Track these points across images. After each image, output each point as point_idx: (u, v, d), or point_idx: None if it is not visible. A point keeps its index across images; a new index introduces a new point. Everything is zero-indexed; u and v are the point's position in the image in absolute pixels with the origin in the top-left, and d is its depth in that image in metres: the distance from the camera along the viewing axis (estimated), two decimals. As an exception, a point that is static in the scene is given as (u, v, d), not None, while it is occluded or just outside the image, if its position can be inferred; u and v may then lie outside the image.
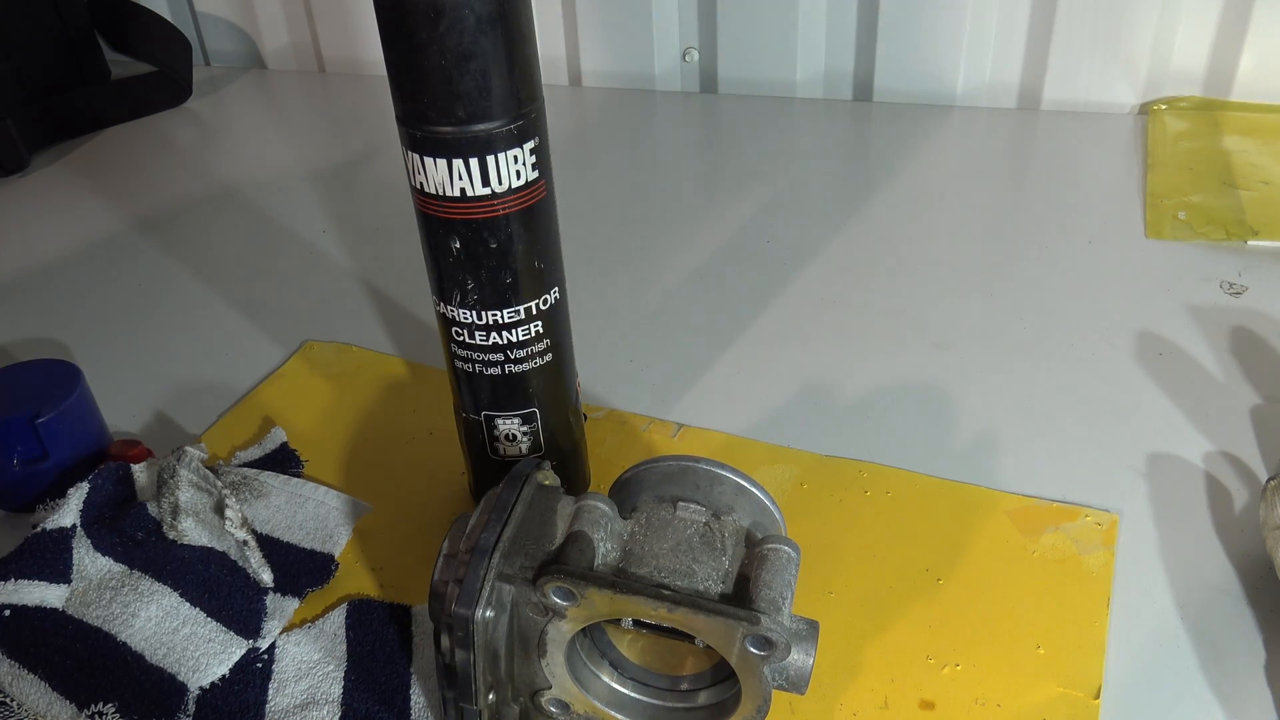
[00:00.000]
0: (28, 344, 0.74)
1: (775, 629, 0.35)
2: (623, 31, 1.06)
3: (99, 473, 0.54)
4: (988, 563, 0.51)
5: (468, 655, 0.37)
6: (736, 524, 0.40)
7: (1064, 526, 0.53)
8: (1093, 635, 0.47)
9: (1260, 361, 0.64)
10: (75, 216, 0.91)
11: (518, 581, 0.37)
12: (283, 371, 0.68)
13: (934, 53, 0.98)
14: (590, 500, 0.39)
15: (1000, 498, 0.55)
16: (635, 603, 0.36)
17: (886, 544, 0.52)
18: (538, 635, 0.38)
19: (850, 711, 0.45)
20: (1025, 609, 0.48)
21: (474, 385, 0.50)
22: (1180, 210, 0.80)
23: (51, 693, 0.44)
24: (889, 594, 0.50)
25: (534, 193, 0.45)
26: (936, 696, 0.45)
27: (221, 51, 1.24)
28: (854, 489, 0.56)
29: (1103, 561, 0.50)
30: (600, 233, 0.83)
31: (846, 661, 0.47)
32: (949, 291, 0.73)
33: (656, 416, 0.62)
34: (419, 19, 0.40)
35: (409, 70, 0.42)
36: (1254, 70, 0.92)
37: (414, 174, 0.44)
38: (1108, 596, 0.49)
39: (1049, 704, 0.44)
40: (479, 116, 0.42)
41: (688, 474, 0.42)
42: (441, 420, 0.63)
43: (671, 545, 0.38)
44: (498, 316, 0.47)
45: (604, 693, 0.40)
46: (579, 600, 0.36)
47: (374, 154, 0.99)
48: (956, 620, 0.48)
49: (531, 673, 0.39)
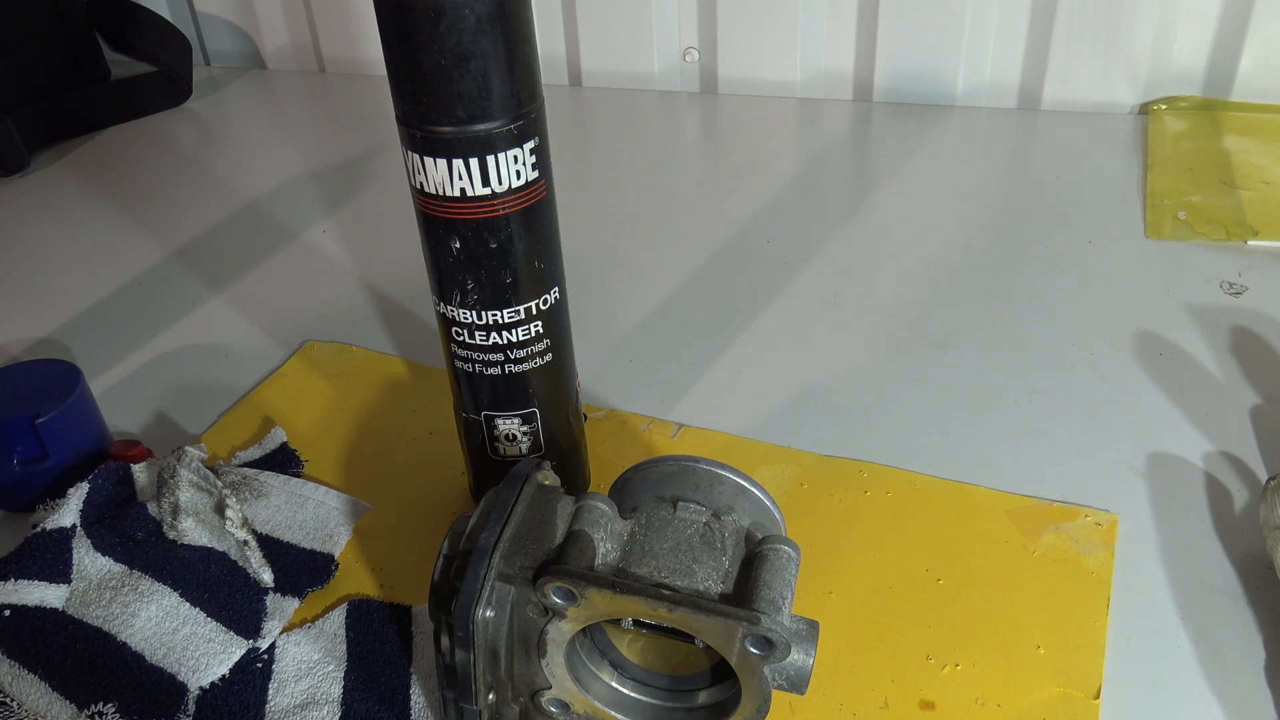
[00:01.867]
0: (28, 344, 0.74)
1: (775, 629, 0.35)
2: (623, 31, 1.06)
3: (99, 473, 0.54)
4: (988, 563, 0.51)
5: (468, 655, 0.37)
6: (737, 524, 0.40)
7: (1064, 527, 0.53)
8: (1093, 635, 0.47)
9: (1260, 361, 0.64)
10: (75, 216, 0.91)
11: (518, 581, 0.37)
12: (283, 371, 0.68)
13: (934, 53, 0.98)
14: (590, 500, 0.39)
15: (1000, 498, 0.55)
16: (635, 603, 0.36)
17: (886, 544, 0.52)
18: (538, 635, 0.38)
19: (850, 712, 0.45)
20: (1025, 609, 0.48)
21: (474, 385, 0.50)
22: (1180, 210, 0.80)
23: (51, 693, 0.44)
24: (889, 594, 0.50)
25: (534, 193, 0.45)
26: (936, 696, 0.45)
27: (221, 51, 1.24)
28: (854, 489, 0.56)
29: (1103, 562, 0.50)
30: (600, 233, 0.83)
31: (847, 662, 0.47)
32: (949, 291, 0.73)
33: (656, 417, 0.62)
34: (420, 19, 0.40)
35: (409, 70, 0.42)
36: (1254, 70, 0.92)
37: (414, 174, 0.44)
38: (1108, 597, 0.49)
39: (1049, 704, 0.44)
40: (479, 116, 0.42)
41: (688, 474, 0.42)
42: (441, 420, 0.63)
43: (671, 545, 0.38)
44: (498, 316, 0.47)
45: (604, 693, 0.40)
46: (579, 600, 0.36)
47: (374, 154, 0.99)
48: (956, 620, 0.48)
49: (531, 673, 0.39)
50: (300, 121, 1.10)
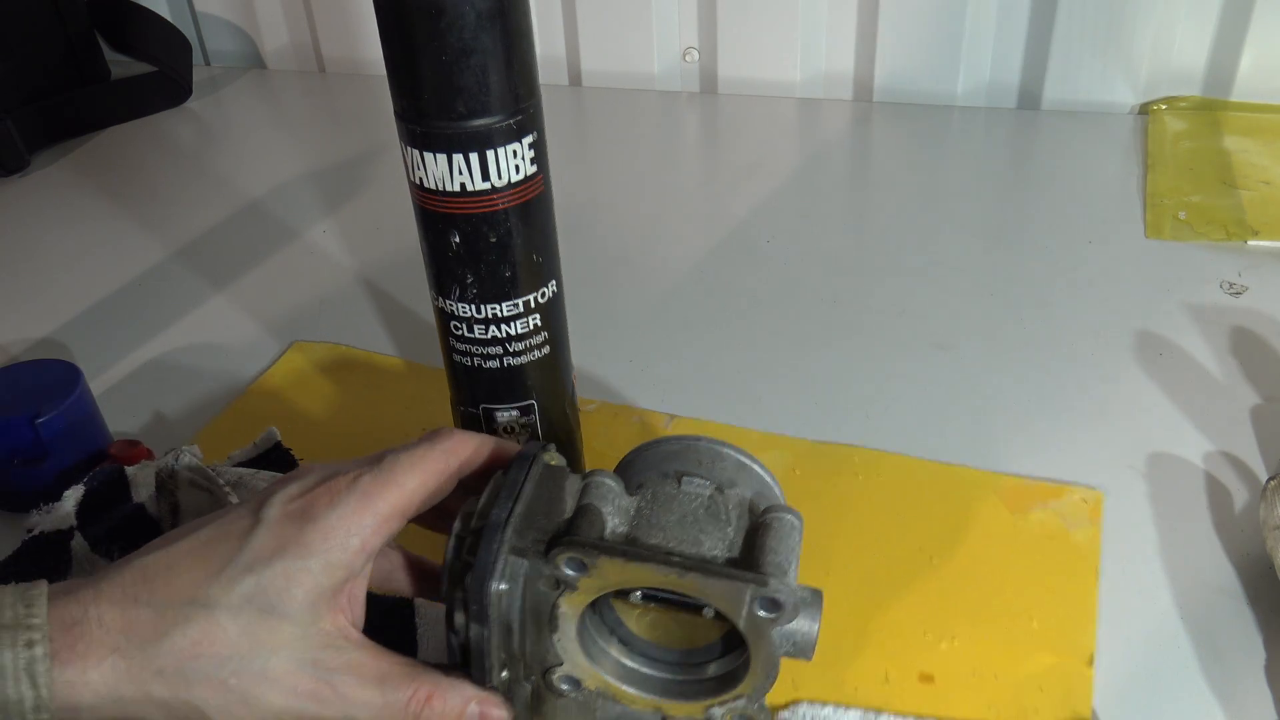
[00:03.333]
0: (28, 344, 0.74)
1: (783, 590, 0.36)
2: (623, 31, 1.06)
3: (94, 475, 0.54)
4: (979, 541, 0.52)
5: (483, 630, 0.38)
6: (740, 496, 0.40)
7: (1051, 504, 0.54)
8: (1083, 606, 0.48)
9: (1260, 361, 0.64)
10: (75, 216, 0.91)
11: (530, 555, 0.38)
12: (272, 373, 0.68)
13: (934, 53, 0.98)
14: (598, 476, 0.40)
15: (990, 478, 0.56)
16: (646, 570, 0.36)
17: (881, 525, 0.54)
18: (550, 610, 0.38)
19: (853, 687, 0.46)
20: (1017, 584, 0.50)
21: (472, 379, 0.50)
22: (1180, 210, 0.80)
23: None
24: (885, 573, 0.51)
25: (532, 187, 0.45)
26: (935, 669, 0.46)
27: (221, 51, 1.24)
28: (846, 473, 0.57)
29: (1089, 536, 0.52)
30: (600, 232, 0.83)
31: (848, 638, 0.48)
32: (949, 291, 0.73)
33: (650, 409, 0.62)
34: (421, 15, 0.40)
35: (410, 66, 0.42)
36: (1254, 70, 0.92)
37: (413, 170, 0.45)
38: (1096, 569, 0.50)
39: (1044, 673, 0.46)
40: (480, 112, 0.42)
41: (690, 452, 0.43)
42: (435, 417, 0.63)
43: (678, 518, 0.39)
44: (497, 310, 0.47)
45: (614, 668, 0.41)
46: (591, 570, 0.37)
47: (374, 154, 0.99)
48: (952, 596, 0.50)
49: (543, 650, 0.39)
50: (300, 121, 1.10)
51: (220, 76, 1.21)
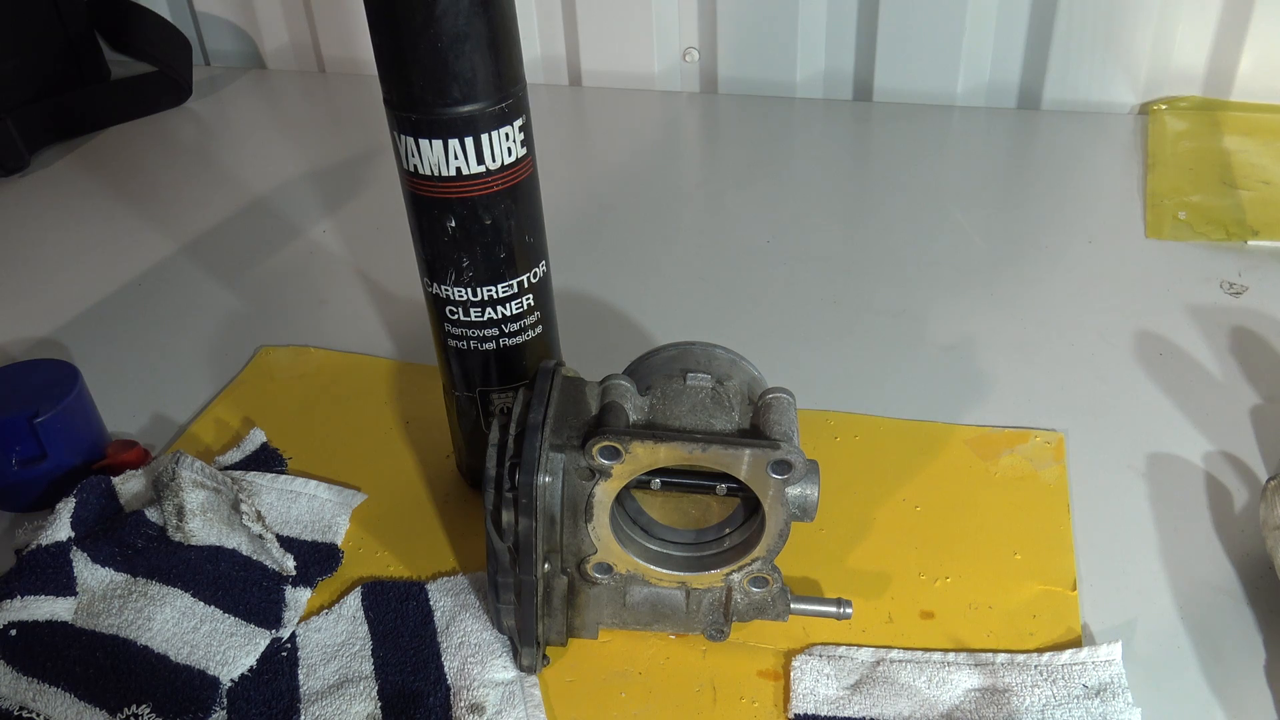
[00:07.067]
0: (27, 344, 0.74)
1: (793, 452, 0.41)
2: (623, 31, 1.06)
3: (83, 486, 0.54)
4: (957, 487, 0.56)
5: (530, 523, 0.42)
6: (737, 386, 0.45)
7: (1018, 448, 0.58)
8: (1060, 538, 0.53)
9: (1260, 361, 0.63)
10: (74, 217, 0.91)
11: (568, 449, 0.42)
12: (241, 379, 0.68)
13: (934, 53, 0.98)
14: (615, 379, 0.45)
15: (956, 429, 0.60)
16: (674, 448, 0.41)
17: (863, 481, 0.57)
18: (585, 500, 0.43)
19: (860, 629, 0.49)
20: (998, 523, 0.54)
21: (467, 363, 0.51)
22: (1180, 210, 0.80)
23: (79, 702, 0.45)
24: (875, 524, 0.55)
25: (523, 169, 0.47)
26: (934, 607, 0.50)
27: (221, 51, 1.24)
28: (824, 436, 0.60)
29: (1057, 475, 0.56)
30: (599, 232, 0.83)
31: (849, 586, 0.51)
32: (949, 291, 0.73)
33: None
34: (416, 3, 0.41)
35: (405, 54, 0.43)
36: (1254, 70, 0.92)
37: (407, 157, 0.45)
38: (1067, 503, 0.54)
39: (1034, 600, 0.50)
40: (474, 96, 0.43)
41: (687, 355, 0.48)
42: (417, 409, 0.64)
43: (689, 408, 0.44)
44: (492, 292, 0.48)
45: (642, 551, 0.45)
46: (624, 456, 0.41)
47: (374, 154, 0.99)
48: (940, 540, 0.53)
49: (579, 541, 0.44)
50: (300, 121, 1.10)
51: (220, 76, 1.20)
